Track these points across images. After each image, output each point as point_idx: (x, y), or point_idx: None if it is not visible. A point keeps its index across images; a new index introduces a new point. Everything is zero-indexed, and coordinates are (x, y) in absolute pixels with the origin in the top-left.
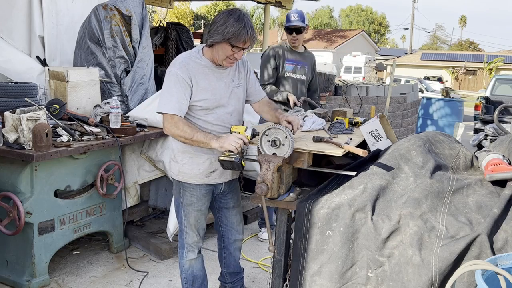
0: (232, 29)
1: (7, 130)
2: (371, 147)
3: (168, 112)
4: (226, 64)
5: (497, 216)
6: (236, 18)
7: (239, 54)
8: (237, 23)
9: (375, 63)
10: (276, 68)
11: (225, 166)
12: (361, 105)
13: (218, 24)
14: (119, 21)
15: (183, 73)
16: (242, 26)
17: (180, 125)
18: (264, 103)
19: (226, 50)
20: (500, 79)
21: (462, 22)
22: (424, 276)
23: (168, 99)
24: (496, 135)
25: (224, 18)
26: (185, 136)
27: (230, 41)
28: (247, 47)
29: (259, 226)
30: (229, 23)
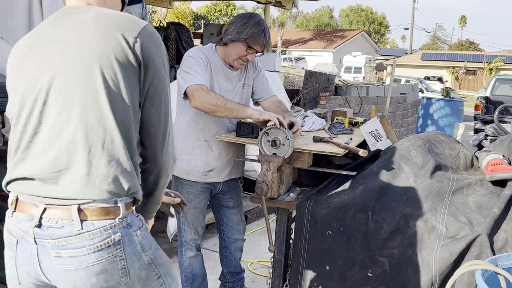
0: (252, 30)
1: (7, 130)
2: (371, 147)
3: (197, 83)
4: (237, 65)
5: (497, 216)
6: (257, 21)
7: (251, 56)
8: (257, 26)
9: (375, 63)
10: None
11: (242, 128)
12: (361, 105)
13: (238, 24)
14: None
15: (201, 55)
16: (262, 30)
17: (212, 93)
18: (273, 103)
19: (241, 50)
20: (500, 79)
21: (462, 22)
22: (424, 276)
23: (191, 75)
24: (496, 135)
25: (245, 19)
26: (217, 103)
27: (247, 41)
28: (261, 51)
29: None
30: (249, 24)
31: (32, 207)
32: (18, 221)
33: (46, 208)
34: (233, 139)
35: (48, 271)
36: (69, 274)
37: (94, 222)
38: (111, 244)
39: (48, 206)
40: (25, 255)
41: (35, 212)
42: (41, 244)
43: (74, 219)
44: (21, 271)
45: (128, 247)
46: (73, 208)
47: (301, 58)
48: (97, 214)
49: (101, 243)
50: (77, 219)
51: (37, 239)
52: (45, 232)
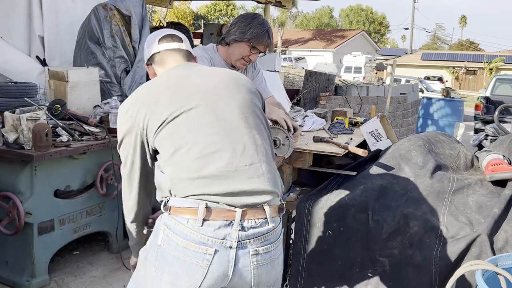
0: (256, 31)
1: (7, 130)
2: (371, 147)
3: None
4: (239, 65)
5: (497, 216)
6: (260, 22)
7: (254, 57)
8: (261, 26)
9: (375, 63)
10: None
11: None
12: (361, 105)
13: (242, 24)
14: (119, 21)
15: (205, 55)
16: (265, 30)
17: None
18: (270, 103)
19: (244, 50)
20: (501, 79)
21: (463, 22)
22: (424, 276)
23: None
24: (496, 135)
25: (248, 19)
26: None
27: (251, 41)
28: (263, 51)
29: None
30: (253, 24)
31: (228, 212)
32: (215, 228)
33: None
34: None
35: (239, 271)
36: (260, 270)
37: (275, 219)
38: (281, 238)
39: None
40: (222, 262)
41: (234, 216)
42: (242, 246)
43: (268, 218)
44: (209, 279)
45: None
46: (265, 207)
47: (301, 58)
48: (275, 211)
49: (280, 237)
50: (269, 217)
51: (239, 241)
52: (246, 232)
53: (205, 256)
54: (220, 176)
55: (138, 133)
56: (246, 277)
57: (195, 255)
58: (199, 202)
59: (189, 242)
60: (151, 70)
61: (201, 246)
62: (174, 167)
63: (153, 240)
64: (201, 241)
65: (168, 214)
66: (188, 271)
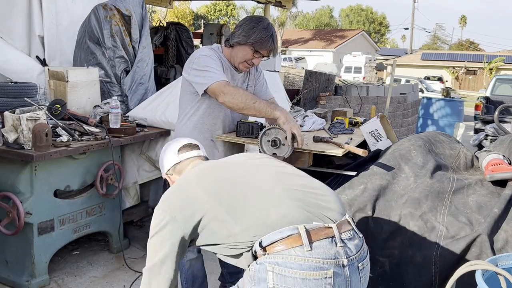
0: (260, 35)
1: (7, 130)
2: (371, 147)
3: (221, 79)
4: (242, 68)
5: (497, 216)
6: (265, 26)
7: (257, 61)
8: (265, 30)
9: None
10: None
11: (241, 128)
12: (361, 105)
13: (246, 27)
14: (118, 20)
15: (215, 54)
16: (270, 35)
17: (240, 89)
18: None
19: (247, 53)
20: (501, 79)
21: (462, 22)
22: (424, 276)
23: (212, 72)
24: (496, 135)
25: (253, 23)
26: (247, 100)
27: (254, 45)
28: (267, 55)
29: None
30: (257, 28)
31: (326, 229)
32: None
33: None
34: (233, 138)
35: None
36: (364, 283)
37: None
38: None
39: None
40: (341, 283)
41: (332, 231)
42: (351, 262)
43: (355, 228)
44: None
45: None
46: (349, 219)
47: (301, 58)
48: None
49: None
50: (355, 228)
51: (348, 258)
52: (350, 248)
53: (326, 280)
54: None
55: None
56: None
57: (317, 283)
58: (297, 227)
59: (307, 271)
60: (172, 179)
61: (320, 272)
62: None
63: (261, 285)
64: (318, 266)
65: (267, 255)
66: None
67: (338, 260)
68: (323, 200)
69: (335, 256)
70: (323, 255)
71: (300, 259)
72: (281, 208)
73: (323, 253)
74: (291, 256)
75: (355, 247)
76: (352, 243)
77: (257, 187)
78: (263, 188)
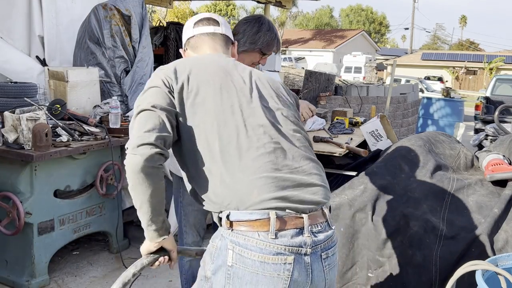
0: (266, 39)
1: (7, 130)
2: (372, 147)
3: None
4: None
5: (497, 216)
6: (268, 28)
7: (264, 61)
8: (269, 32)
9: (376, 63)
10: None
11: None
12: (361, 105)
13: (250, 33)
14: (118, 20)
15: None
16: (274, 35)
17: None
18: None
19: (255, 57)
20: (501, 79)
21: (463, 22)
22: (425, 276)
23: None
24: (496, 135)
25: (255, 27)
26: None
27: (262, 49)
28: (275, 52)
29: None
30: (262, 32)
31: (296, 219)
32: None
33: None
34: None
35: (315, 278)
36: (330, 273)
37: (331, 221)
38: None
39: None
40: (301, 270)
41: (302, 222)
42: (314, 251)
43: (328, 220)
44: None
45: None
46: (326, 210)
47: (301, 58)
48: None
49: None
50: (329, 219)
51: (312, 248)
52: (318, 237)
53: (285, 266)
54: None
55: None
56: (321, 283)
57: (275, 268)
58: (269, 212)
59: (266, 255)
60: (186, 55)
61: (280, 257)
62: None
63: (219, 262)
64: (279, 252)
65: (231, 230)
66: (270, 286)
67: (301, 249)
68: (306, 184)
69: (299, 245)
70: (286, 243)
71: (262, 243)
72: (263, 191)
73: (287, 241)
74: (254, 239)
75: (324, 237)
76: (321, 234)
77: (254, 148)
78: (259, 152)
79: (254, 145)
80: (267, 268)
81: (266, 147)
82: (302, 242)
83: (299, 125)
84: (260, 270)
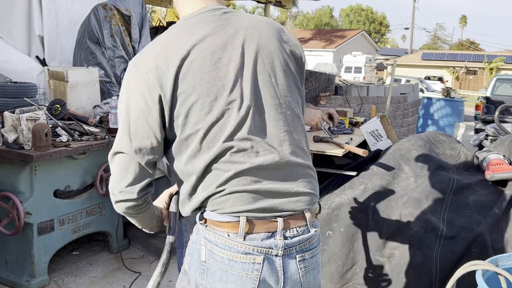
0: None
1: (7, 130)
2: (372, 147)
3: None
4: None
5: (497, 216)
6: None
7: None
8: None
9: (376, 63)
10: None
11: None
12: (362, 105)
13: None
14: (118, 20)
15: None
16: None
17: None
18: None
19: None
20: (501, 79)
21: (463, 22)
22: (425, 276)
23: None
24: (496, 135)
25: None
26: None
27: None
28: None
29: None
30: None
31: (270, 223)
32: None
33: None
34: None
35: (289, 280)
36: (308, 275)
37: (314, 223)
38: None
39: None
40: (272, 271)
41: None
42: (288, 253)
43: (309, 223)
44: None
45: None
46: (307, 214)
47: None
48: (314, 216)
49: (320, 241)
50: (309, 223)
51: (284, 249)
52: (291, 240)
53: (254, 266)
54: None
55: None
56: (297, 286)
57: (244, 267)
58: (239, 216)
59: (235, 253)
60: (176, 11)
61: (248, 256)
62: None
63: (195, 257)
64: (247, 252)
65: (205, 226)
66: (238, 286)
67: (271, 250)
68: (291, 183)
69: (269, 246)
70: (255, 244)
71: (231, 242)
72: (237, 203)
73: (256, 243)
74: (224, 237)
75: (299, 239)
76: (296, 238)
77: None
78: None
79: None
80: (235, 266)
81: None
82: (273, 244)
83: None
84: (229, 268)
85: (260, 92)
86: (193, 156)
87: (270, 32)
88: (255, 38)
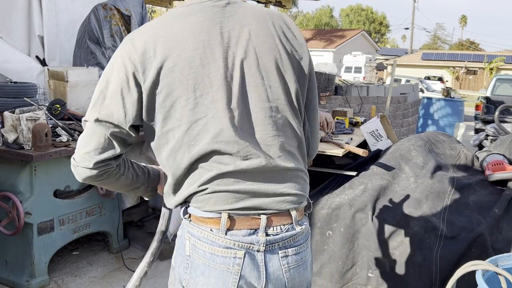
0: None
1: (7, 130)
2: (372, 147)
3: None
4: None
5: (497, 216)
6: None
7: None
8: None
9: (376, 62)
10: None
11: None
12: (362, 105)
13: None
14: (118, 20)
15: None
16: None
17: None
18: None
19: None
20: (501, 79)
21: (463, 22)
22: (425, 276)
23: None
24: (496, 135)
25: None
26: None
27: None
28: None
29: None
30: None
31: (252, 220)
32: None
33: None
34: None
35: (271, 276)
36: (292, 272)
37: (301, 221)
38: (309, 239)
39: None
40: (253, 266)
41: (258, 224)
42: (270, 249)
43: (294, 222)
44: (243, 285)
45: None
46: (292, 212)
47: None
48: (301, 214)
49: (309, 238)
50: (295, 221)
51: (266, 245)
52: (274, 237)
53: (235, 260)
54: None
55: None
56: (280, 282)
57: (225, 261)
58: (221, 212)
59: (216, 247)
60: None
61: (229, 250)
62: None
63: (180, 251)
64: (228, 246)
65: (189, 221)
66: (220, 281)
67: (253, 245)
68: (277, 184)
69: (250, 242)
70: (237, 239)
71: (213, 236)
72: (219, 202)
73: (237, 238)
74: (206, 232)
75: (282, 236)
76: (279, 235)
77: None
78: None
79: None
80: (216, 260)
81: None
82: (255, 240)
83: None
84: (211, 262)
85: (249, 94)
86: (174, 151)
87: (271, 30)
88: (253, 37)
